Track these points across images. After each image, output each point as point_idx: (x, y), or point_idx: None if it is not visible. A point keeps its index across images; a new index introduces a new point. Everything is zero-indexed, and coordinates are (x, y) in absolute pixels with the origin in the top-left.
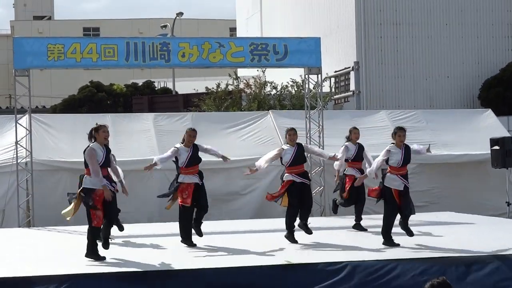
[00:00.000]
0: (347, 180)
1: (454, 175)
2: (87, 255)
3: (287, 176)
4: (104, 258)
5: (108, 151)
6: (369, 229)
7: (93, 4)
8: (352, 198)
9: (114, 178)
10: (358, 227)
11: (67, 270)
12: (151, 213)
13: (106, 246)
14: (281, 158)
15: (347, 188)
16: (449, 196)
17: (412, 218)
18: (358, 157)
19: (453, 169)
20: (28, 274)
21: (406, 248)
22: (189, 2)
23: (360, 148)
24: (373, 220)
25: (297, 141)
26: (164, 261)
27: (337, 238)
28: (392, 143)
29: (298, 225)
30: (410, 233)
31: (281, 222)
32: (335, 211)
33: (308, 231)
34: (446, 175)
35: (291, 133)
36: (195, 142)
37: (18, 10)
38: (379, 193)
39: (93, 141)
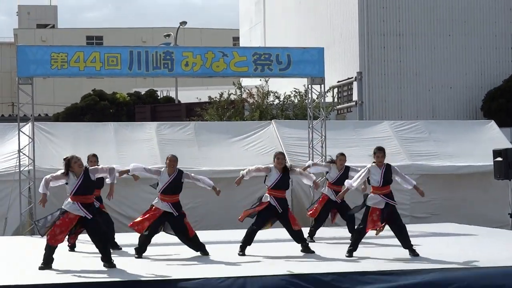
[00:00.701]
0: (320, 199)
1: (456, 186)
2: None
3: (266, 197)
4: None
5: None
6: (372, 241)
7: (96, 13)
8: (321, 219)
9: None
10: None
11: (68, 279)
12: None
13: (111, 265)
14: (265, 177)
15: (316, 208)
16: (451, 208)
17: (414, 229)
18: (339, 181)
19: (455, 180)
20: (30, 282)
21: (405, 259)
22: (192, 12)
23: (345, 173)
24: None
25: (288, 162)
26: (167, 270)
27: (340, 249)
28: (373, 162)
29: (301, 251)
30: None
31: (283, 232)
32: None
33: (310, 251)
34: (448, 186)
35: (280, 157)
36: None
37: (21, 18)
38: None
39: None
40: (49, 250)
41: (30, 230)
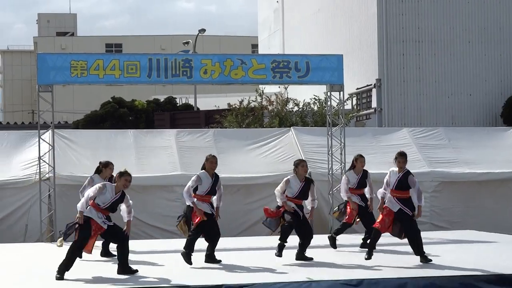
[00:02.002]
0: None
1: (476, 193)
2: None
3: (290, 204)
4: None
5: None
6: (381, 248)
7: (115, 21)
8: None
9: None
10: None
11: (89, 286)
12: (171, 228)
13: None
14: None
15: (352, 214)
16: (470, 215)
17: (433, 236)
18: (360, 185)
19: (475, 187)
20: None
21: (419, 266)
22: (211, 19)
23: (364, 176)
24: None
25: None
26: (183, 277)
27: (360, 256)
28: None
29: (296, 258)
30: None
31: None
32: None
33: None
34: (467, 193)
35: (305, 165)
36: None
37: (41, 26)
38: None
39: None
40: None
41: (50, 237)
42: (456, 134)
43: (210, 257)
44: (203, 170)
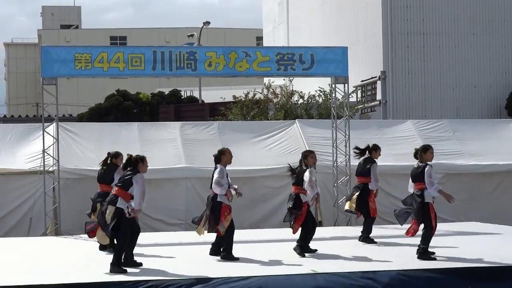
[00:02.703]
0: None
1: (480, 185)
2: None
3: (303, 197)
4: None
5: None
6: (379, 240)
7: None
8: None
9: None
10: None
11: (94, 278)
12: (177, 220)
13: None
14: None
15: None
16: (475, 206)
17: (437, 228)
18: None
19: (479, 179)
20: (55, 282)
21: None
22: (215, 12)
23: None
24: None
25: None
26: (190, 269)
27: (363, 248)
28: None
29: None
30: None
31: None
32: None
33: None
34: (472, 185)
35: (314, 156)
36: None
37: (45, 19)
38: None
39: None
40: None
41: (55, 231)
42: (461, 126)
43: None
44: (219, 164)
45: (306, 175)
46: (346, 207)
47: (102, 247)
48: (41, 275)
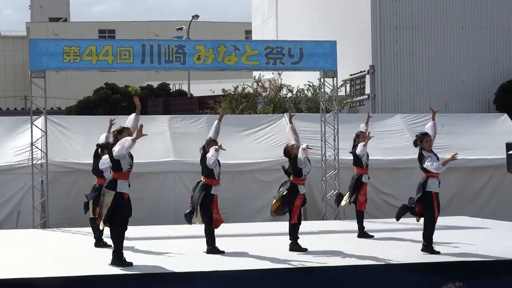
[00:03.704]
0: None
1: (468, 179)
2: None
3: (302, 188)
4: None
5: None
6: (376, 234)
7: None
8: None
9: None
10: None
11: (82, 272)
12: (165, 215)
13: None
14: (296, 166)
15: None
16: (463, 201)
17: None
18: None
19: (467, 173)
20: (42, 275)
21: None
22: (204, 5)
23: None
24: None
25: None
26: (179, 263)
27: (352, 242)
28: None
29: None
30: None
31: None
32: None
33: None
34: (460, 179)
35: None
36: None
37: (34, 11)
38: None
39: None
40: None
41: (42, 224)
42: (449, 121)
43: None
44: None
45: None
46: (343, 203)
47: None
48: (27, 268)
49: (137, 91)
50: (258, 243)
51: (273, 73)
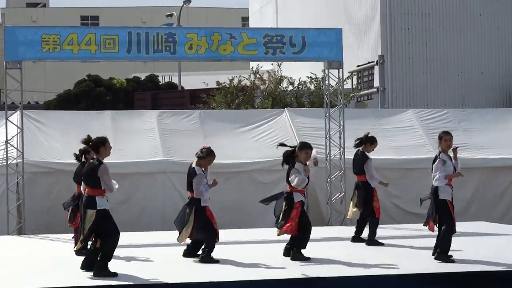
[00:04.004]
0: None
1: (488, 181)
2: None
3: (299, 196)
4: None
5: None
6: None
7: None
8: None
9: None
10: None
11: (60, 283)
12: (153, 220)
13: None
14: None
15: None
16: (482, 205)
17: None
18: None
19: (487, 174)
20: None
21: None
22: None
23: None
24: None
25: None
26: (167, 273)
27: (357, 250)
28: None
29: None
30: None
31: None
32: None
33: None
34: (479, 181)
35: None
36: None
37: None
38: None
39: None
40: None
41: (18, 230)
42: (466, 116)
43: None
44: (199, 167)
45: (292, 179)
46: (349, 215)
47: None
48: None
49: (123, 83)
50: (255, 251)
51: (272, 64)
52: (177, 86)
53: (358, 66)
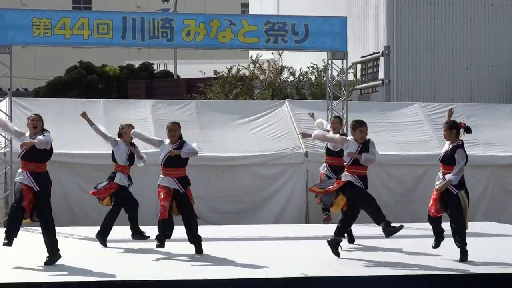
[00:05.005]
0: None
1: (498, 179)
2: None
3: (346, 175)
4: None
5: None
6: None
7: None
8: None
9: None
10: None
11: (49, 278)
12: (146, 214)
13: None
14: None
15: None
16: (492, 203)
17: (447, 227)
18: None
19: (496, 172)
20: (3, 281)
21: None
22: None
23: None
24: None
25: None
26: (160, 270)
27: (361, 248)
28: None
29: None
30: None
31: (296, 229)
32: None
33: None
34: (488, 179)
35: (364, 130)
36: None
37: None
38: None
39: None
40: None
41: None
42: (476, 111)
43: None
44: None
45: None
46: None
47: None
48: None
49: (116, 71)
50: (253, 248)
51: (272, 53)
52: (172, 74)
53: (362, 56)
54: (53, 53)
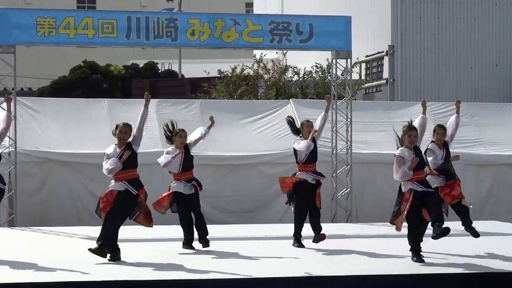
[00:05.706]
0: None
1: (502, 178)
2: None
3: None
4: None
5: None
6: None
7: None
8: None
9: None
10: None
11: (53, 278)
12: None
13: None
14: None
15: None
16: (496, 203)
17: (454, 227)
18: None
19: (502, 171)
20: (7, 281)
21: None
22: None
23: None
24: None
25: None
26: (163, 269)
27: (366, 248)
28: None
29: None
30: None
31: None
32: None
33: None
34: (493, 178)
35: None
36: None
37: None
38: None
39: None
40: None
41: (10, 222)
42: (480, 111)
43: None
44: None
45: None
46: None
47: None
48: None
49: (120, 70)
50: (259, 247)
51: (277, 53)
52: (177, 74)
53: (367, 56)
54: (57, 53)
